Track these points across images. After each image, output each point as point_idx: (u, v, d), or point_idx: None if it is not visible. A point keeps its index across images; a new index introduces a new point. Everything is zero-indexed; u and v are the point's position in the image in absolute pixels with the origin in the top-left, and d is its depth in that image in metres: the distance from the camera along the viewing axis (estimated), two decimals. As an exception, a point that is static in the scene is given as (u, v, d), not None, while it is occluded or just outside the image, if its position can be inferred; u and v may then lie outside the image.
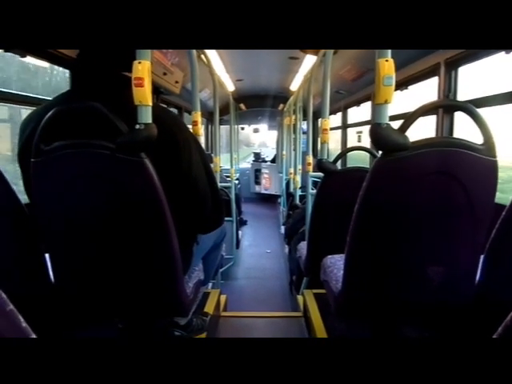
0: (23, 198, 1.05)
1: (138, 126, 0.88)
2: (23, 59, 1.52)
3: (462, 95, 2.01)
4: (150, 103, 0.89)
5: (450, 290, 1.10)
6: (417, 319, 1.24)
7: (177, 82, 2.98)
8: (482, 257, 1.07)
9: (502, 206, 1.00)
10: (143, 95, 0.87)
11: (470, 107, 0.97)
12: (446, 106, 1.80)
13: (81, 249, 1.01)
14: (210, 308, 1.91)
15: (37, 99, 1.66)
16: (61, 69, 1.80)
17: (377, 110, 0.93)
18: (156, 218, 0.95)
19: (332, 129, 4.77)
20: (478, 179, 0.97)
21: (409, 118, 0.94)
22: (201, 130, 1.90)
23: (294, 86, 4.58)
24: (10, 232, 1.02)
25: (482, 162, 0.95)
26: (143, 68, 0.87)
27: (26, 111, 1.57)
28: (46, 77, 2.76)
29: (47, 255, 1.08)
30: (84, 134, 0.91)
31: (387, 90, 0.90)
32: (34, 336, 0.40)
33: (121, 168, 0.91)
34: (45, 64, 1.83)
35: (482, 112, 0.99)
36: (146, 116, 0.89)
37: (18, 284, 1.03)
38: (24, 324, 0.39)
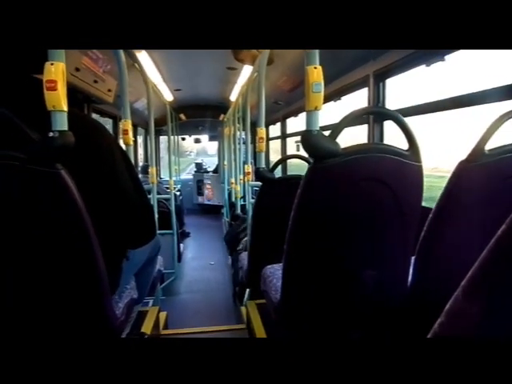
0: None
1: (51, 134, 0.79)
2: None
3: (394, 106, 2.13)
4: (65, 108, 0.80)
5: (385, 292, 1.12)
6: (356, 323, 1.25)
7: (110, 91, 2.85)
8: (412, 258, 1.12)
9: (429, 209, 1.05)
10: (57, 99, 0.79)
11: (396, 114, 1.01)
12: (373, 113, 1.89)
13: None
14: (147, 327, 1.81)
15: None
16: None
17: (308, 116, 0.93)
18: (76, 235, 0.86)
19: (272, 138, 4.85)
20: (405, 183, 1.01)
21: (339, 125, 0.95)
22: (131, 139, 1.81)
23: (234, 96, 4.60)
24: None
25: (408, 166, 0.99)
26: (56, 70, 0.79)
27: None
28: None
29: None
30: None
31: (316, 97, 0.90)
32: None
33: (33, 181, 0.81)
34: None
35: (408, 120, 1.04)
36: (61, 122, 0.80)
37: None
38: None
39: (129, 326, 1.38)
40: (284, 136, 4.28)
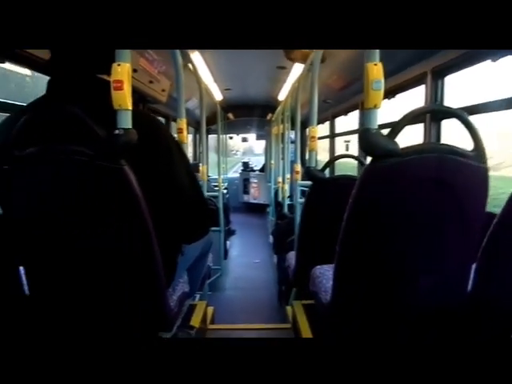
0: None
1: (117, 132, 0.84)
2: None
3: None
4: (130, 107, 0.85)
5: (442, 299, 1.07)
6: (408, 329, 1.21)
7: (163, 91, 2.95)
8: (473, 265, 1.05)
9: (494, 215, 0.99)
10: (123, 99, 0.83)
11: (461, 113, 0.96)
12: (436, 111, 1.79)
13: (56, 259, 0.96)
14: (196, 321, 1.85)
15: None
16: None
17: (366, 114, 0.90)
18: (137, 228, 0.91)
19: (320, 138, 4.79)
20: (469, 186, 0.95)
21: (399, 123, 0.91)
22: (186, 137, 1.87)
23: (282, 95, 4.59)
24: None
25: (472, 168, 0.94)
26: (123, 70, 0.83)
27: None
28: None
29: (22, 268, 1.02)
30: (60, 140, 0.86)
31: (376, 95, 0.88)
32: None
33: (99, 176, 0.86)
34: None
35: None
36: (126, 121, 0.85)
37: None
38: None
39: (180, 319, 1.43)
40: (333, 135, 4.21)
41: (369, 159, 0.94)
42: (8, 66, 1.56)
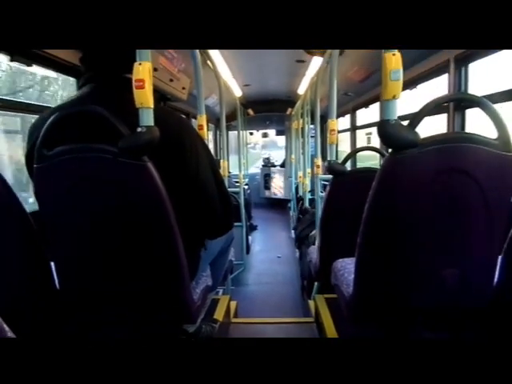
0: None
1: (139, 129, 0.86)
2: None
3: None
4: (152, 105, 0.87)
5: (467, 293, 1.05)
6: (432, 323, 1.19)
7: (184, 89, 2.98)
8: (499, 258, 1.03)
9: None
10: (144, 97, 0.86)
11: (483, 100, 0.93)
12: (458, 100, 1.75)
13: (84, 254, 0.99)
14: (219, 314, 1.88)
15: (42, 107, 1.67)
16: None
17: (385, 105, 0.89)
18: (160, 223, 0.93)
19: (341, 131, 4.74)
20: (493, 176, 0.93)
21: (419, 113, 0.90)
22: (207, 134, 1.89)
23: (302, 89, 4.56)
24: (14, 240, 1.01)
25: (497, 157, 0.91)
26: (144, 69, 0.86)
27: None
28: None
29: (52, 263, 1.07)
30: (86, 139, 0.90)
31: (395, 85, 0.87)
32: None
33: (123, 172, 0.89)
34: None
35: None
36: (148, 118, 0.87)
37: (23, 292, 1.02)
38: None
39: (203, 312, 1.45)
40: (354, 128, 4.16)
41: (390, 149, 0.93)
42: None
